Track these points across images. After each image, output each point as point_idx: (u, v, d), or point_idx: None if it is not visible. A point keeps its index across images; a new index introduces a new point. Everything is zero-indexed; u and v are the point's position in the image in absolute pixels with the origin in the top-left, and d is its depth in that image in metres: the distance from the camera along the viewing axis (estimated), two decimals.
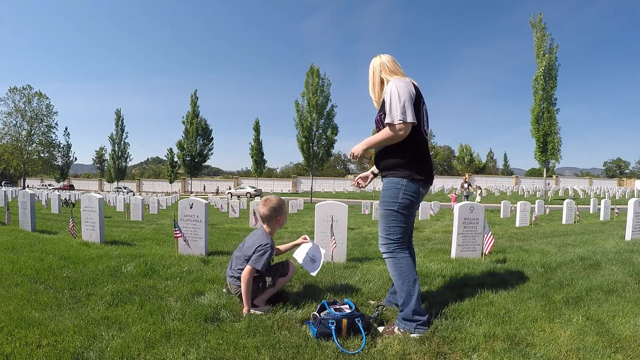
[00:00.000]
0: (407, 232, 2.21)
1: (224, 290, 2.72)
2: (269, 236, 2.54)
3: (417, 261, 3.72)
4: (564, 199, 15.22)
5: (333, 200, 4.46)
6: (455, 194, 15.77)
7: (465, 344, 1.90)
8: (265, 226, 2.59)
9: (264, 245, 2.43)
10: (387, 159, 2.18)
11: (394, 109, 2.00)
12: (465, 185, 16.20)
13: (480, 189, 20.28)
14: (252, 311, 2.35)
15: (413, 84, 2.14)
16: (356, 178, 2.49)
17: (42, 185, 51.49)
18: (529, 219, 11.25)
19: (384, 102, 2.08)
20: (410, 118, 1.99)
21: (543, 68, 24.75)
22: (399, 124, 1.99)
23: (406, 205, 2.13)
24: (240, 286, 2.38)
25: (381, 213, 2.19)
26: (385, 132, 2.07)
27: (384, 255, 2.20)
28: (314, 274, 2.61)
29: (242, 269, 2.39)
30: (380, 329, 2.12)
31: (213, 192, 49.08)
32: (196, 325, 2.10)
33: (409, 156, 2.11)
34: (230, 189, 46.07)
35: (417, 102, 2.09)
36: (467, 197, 16.67)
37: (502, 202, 15.40)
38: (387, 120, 2.03)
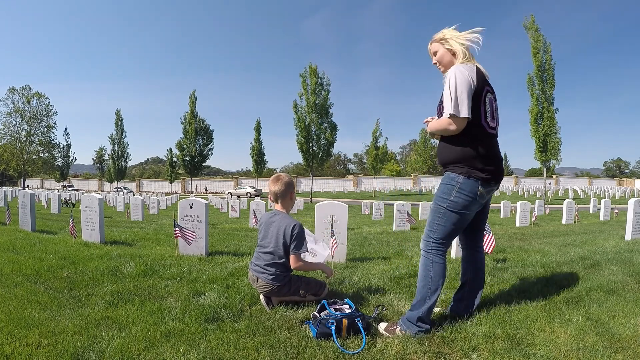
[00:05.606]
0: (452, 235, 2.05)
1: (249, 281, 2.60)
2: (290, 216, 2.45)
3: (415, 260, 3.75)
4: (564, 199, 15.23)
5: (333, 200, 4.46)
6: None
7: (465, 343, 1.90)
8: (278, 206, 2.49)
9: (297, 226, 2.36)
10: (444, 153, 2.06)
11: (449, 101, 1.88)
12: None
13: None
14: (264, 304, 2.40)
15: (478, 69, 1.97)
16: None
17: (62, 186, 51.09)
18: (529, 219, 11.26)
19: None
20: (464, 113, 1.85)
21: (536, 68, 24.83)
22: (452, 117, 1.89)
23: (458, 205, 1.97)
24: (269, 282, 2.37)
25: (431, 207, 2.08)
26: (442, 122, 1.95)
27: (421, 251, 2.10)
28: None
29: (273, 264, 2.37)
30: (382, 325, 2.10)
31: (203, 192, 48.86)
32: (196, 325, 2.10)
33: (467, 151, 1.95)
34: (206, 189, 45.78)
35: (479, 92, 1.92)
36: None
37: (502, 202, 15.44)
38: (444, 113, 1.93)
